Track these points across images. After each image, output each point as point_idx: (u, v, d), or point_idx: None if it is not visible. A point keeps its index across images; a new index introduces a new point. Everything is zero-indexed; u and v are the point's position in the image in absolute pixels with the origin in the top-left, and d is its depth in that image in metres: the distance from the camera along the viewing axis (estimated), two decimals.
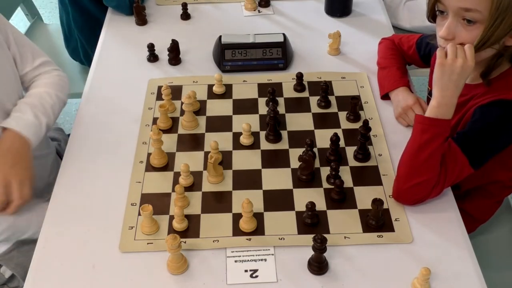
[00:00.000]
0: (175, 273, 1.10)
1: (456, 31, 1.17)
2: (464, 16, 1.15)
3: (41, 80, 1.47)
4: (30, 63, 1.47)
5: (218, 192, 1.26)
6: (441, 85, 1.16)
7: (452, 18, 1.16)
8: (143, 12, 1.80)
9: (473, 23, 1.14)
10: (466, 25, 1.16)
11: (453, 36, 1.17)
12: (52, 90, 1.45)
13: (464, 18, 1.15)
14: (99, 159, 1.35)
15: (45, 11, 3.46)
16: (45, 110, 1.39)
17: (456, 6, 1.15)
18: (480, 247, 1.33)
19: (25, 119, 1.34)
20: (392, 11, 2.08)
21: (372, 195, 1.20)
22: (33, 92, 1.44)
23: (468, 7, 1.13)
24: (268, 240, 1.16)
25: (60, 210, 1.24)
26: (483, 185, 1.40)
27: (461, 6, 1.14)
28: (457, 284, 1.09)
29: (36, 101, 1.40)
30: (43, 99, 1.41)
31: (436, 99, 1.17)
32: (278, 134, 1.38)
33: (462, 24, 1.16)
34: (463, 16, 1.15)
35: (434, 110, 1.17)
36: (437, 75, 1.16)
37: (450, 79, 1.15)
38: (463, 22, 1.16)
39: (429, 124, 1.17)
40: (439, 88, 1.16)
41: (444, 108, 1.16)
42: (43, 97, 1.42)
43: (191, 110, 1.41)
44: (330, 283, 1.09)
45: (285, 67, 1.60)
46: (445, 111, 1.16)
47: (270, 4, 1.88)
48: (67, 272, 1.12)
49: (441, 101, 1.16)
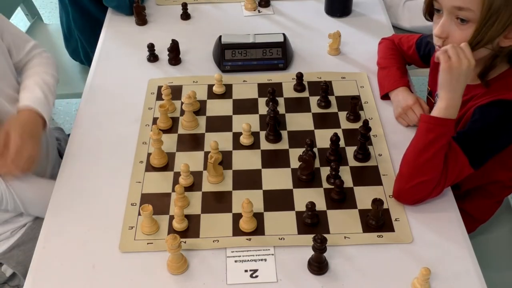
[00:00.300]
0: (175, 273, 1.10)
1: (450, 30, 1.18)
2: (458, 15, 1.16)
3: (35, 61, 1.53)
4: (22, 50, 1.52)
5: (218, 192, 1.26)
6: (450, 88, 1.16)
7: (447, 16, 1.18)
8: (143, 12, 1.80)
9: (466, 22, 1.15)
10: (459, 24, 1.17)
11: (447, 34, 1.18)
12: (49, 70, 1.52)
13: (458, 17, 1.16)
14: (99, 159, 1.35)
15: (45, 11, 3.46)
16: (49, 88, 1.46)
17: (449, 5, 1.16)
18: (480, 247, 1.33)
19: (38, 97, 1.40)
20: (392, 11, 2.08)
21: (372, 195, 1.20)
22: (32, 72, 1.49)
23: (460, 5, 1.14)
24: (268, 240, 1.16)
25: (60, 210, 1.24)
26: (483, 185, 1.40)
27: (454, 5, 1.15)
28: (457, 284, 1.09)
29: (40, 80, 1.46)
30: (45, 79, 1.47)
31: (445, 101, 1.17)
32: (278, 134, 1.38)
33: (456, 23, 1.17)
34: (456, 15, 1.16)
35: (442, 111, 1.17)
36: (445, 79, 1.16)
37: (458, 81, 1.15)
38: (456, 21, 1.17)
39: (435, 124, 1.17)
40: (448, 91, 1.16)
41: (452, 109, 1.17)
42: (44, 77, 1.48)
43: (191, 110, 1.41)
44: (330, 283, 1.09)
45: (285, 67, 1.60)
46: (452, 112, 1.17)
47: (270, 4, 1.88)
48: (67, 272, 1.12)
49: (450, 103, 1.16)
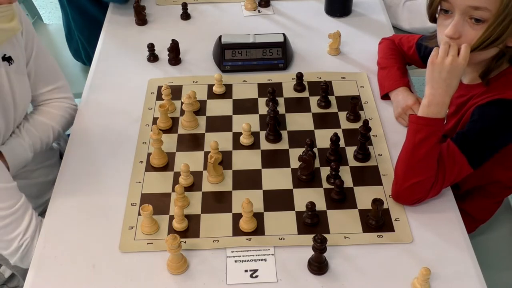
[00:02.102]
0: (175, 273, 1.10)
1: (462, 30, 1.16)
2: (472, 15, 1.14)
3: (51, 108, 1.45)
4: (45, 86, 1.45)
5: (218, 192, 1.26)
6: (431, 83, 1.17)
7: (459, 16, 1.15)
8: (143, 12, 1.80)
9: (481, 22, 1.13)
10: (473, 24, 1.14)
11: (459, 35, 1.16)
12: (57, 125, 1.45)
13: (472, 17, 1.14)
14: (99, 159, 1.35)
15: (45, 11, 3.46)
16: (41, 146, 1.40)
17: (464, 5, 1.13)
18: (480, 247, 1.33)
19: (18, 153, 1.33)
20: (391, 11, 2.08)
21: (372, 195, 1.20)
22: (40, 121, 1.42)
23: (478, 5, 1.11)
24: (268, 240, 1.16)
25: (60, 210, 1.24)
26: (483, 185, 1.40)
27: (471, 5, 1.12)
28: (457, 284, 1.09)
29: (37, 139, 1.39)
30: (46, 136, 1.41)
31: (427, 97, 1.17)
32: (278, 134, 1.38)
33: (469, 23, 1.15)
34: (470, 15, 1.14)
35: (425, 109, 1.17)
36: (428, 73, 1.17)
37: (440, 77, 1.15)
38: (470, 21, 1.15)
39: (422, 124, 1.17)
40: (430, 86, 1.17)
41: (435, 107, 1.16)
42: (46, 133, 1.42)
43: (191, 110, 1.41)
44: (330, 283, 1.09)
45: (285, 67, 1.60)
46: (436, 110, 1.16)
47: (270, 4, 1.88)
48: (67, 272, 1.12)
49: (432, 100, 1.17)
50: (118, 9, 1.88)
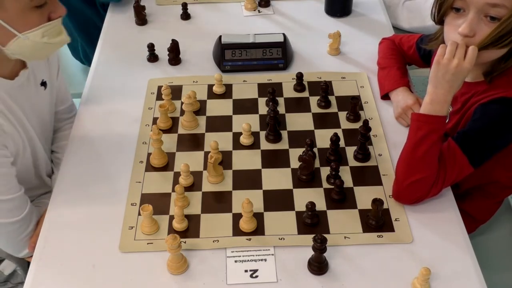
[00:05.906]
0: (175, 273, 1.10)
1: (477, 28, 1.14)
2: (489, 12, 1.12)
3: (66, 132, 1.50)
4: (65, 102, 1.53)
5: (218, 192, 1.26)
6: (435, 82, 1.17)
7: (474, 14, 1.13)
8: (143, 12, 1.80)
9: (497, 20, 1.12)
10: (488, 22, 1.13)
11: (474, 33, 1.14)
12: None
13: (487, 15, 1.12)
14: (99, 159, 1.35)
15: None
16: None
17: (482, 2, 1.11)
18: (480, 247, 1.33)
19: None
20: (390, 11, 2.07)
21: (372, 195, 1.20)
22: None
23: (496, 2, 1.10)
24: (268, 240, 1.16)
25: (60, 210, 1.24)
26: (483, 186, 1.40)
27: (488, 2, 1.11)
28: (457, 284, 1.09)
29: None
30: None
31: (430, 95, 1.18)
32: (278, 134, 1.38)
33: (484, 21, 1.13)
34: (486, 13, 1.12)
35: (427, 106, 1.18)
36: (432, 72, 1.17)
37: (444, 78, 1.15)
38: (485, 19, 1.13)
39: (423, 121, 1.17)
40: (433, 85, 1.17)
41: (437, 105, 1.17)
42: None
43: (191, 110, 1.41)
44: (330, 283, 1.09)
45: (285, 67, 1.60)
46: (438, 108, 1.17)
47: (270, 4, 1.88)
48: (67, 272, 1.12)
49: (434, 98, 1.17)
50: (118, 9, 1.88)
